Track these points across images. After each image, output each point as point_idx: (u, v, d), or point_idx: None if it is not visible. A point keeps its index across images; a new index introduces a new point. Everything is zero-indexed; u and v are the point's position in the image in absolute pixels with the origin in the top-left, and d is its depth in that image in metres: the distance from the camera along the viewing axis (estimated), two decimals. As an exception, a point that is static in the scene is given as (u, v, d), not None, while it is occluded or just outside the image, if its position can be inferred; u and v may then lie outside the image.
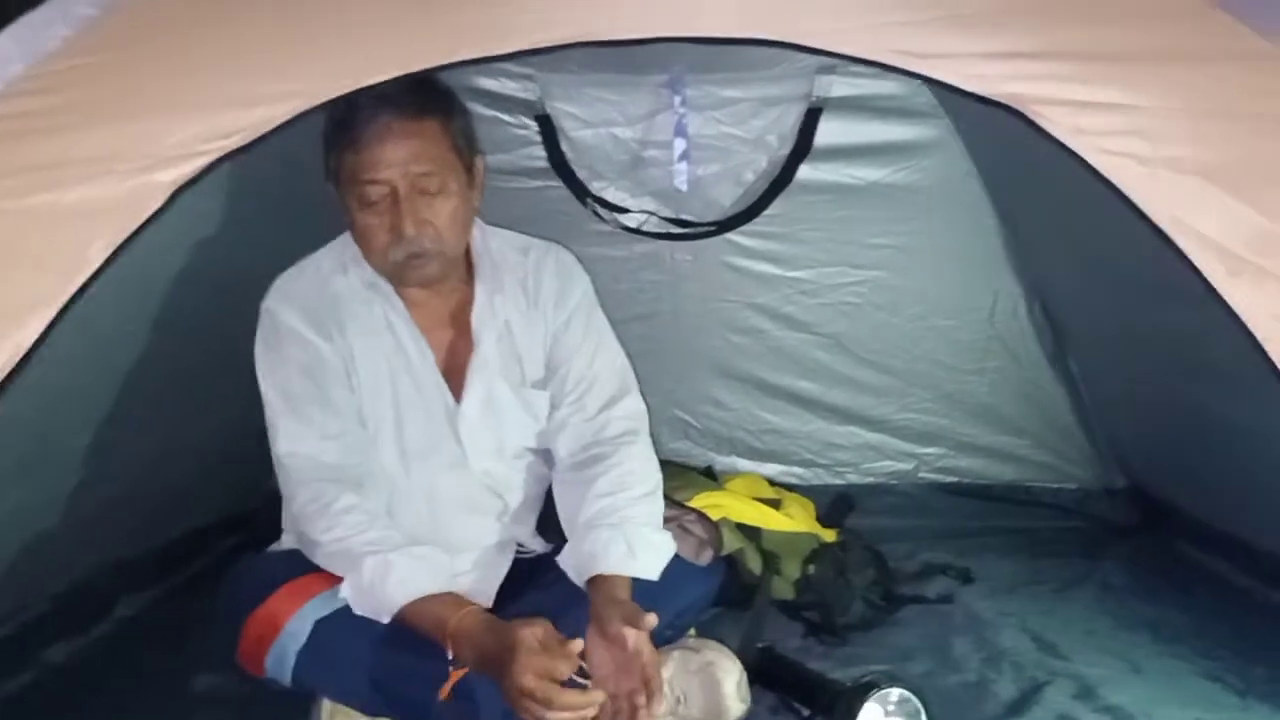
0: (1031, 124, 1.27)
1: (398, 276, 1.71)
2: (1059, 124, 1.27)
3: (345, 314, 1.73)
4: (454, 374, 1.78)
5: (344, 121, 1.61)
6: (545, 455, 1.86)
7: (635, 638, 1.47)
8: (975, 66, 1.28)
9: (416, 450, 1.76)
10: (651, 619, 1.48)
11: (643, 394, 1.86)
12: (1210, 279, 1.24)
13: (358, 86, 1.29)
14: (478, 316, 1.78)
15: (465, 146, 1.69)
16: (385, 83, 1.53)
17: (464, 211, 1.69)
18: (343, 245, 1.78)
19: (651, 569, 1.64)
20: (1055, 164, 1.36)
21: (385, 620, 1.54)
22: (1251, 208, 1.26)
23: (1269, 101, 1.30)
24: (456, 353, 1.79)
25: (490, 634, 1.46)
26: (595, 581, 1.60)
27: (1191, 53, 1.31)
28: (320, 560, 1.63)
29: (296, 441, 1.67)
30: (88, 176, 1.23)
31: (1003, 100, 1.27)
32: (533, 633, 1.40)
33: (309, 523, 1.63)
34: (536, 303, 1.83)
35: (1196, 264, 1.25)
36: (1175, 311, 1.95)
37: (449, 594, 1.55)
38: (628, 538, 1.62)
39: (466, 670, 1.47)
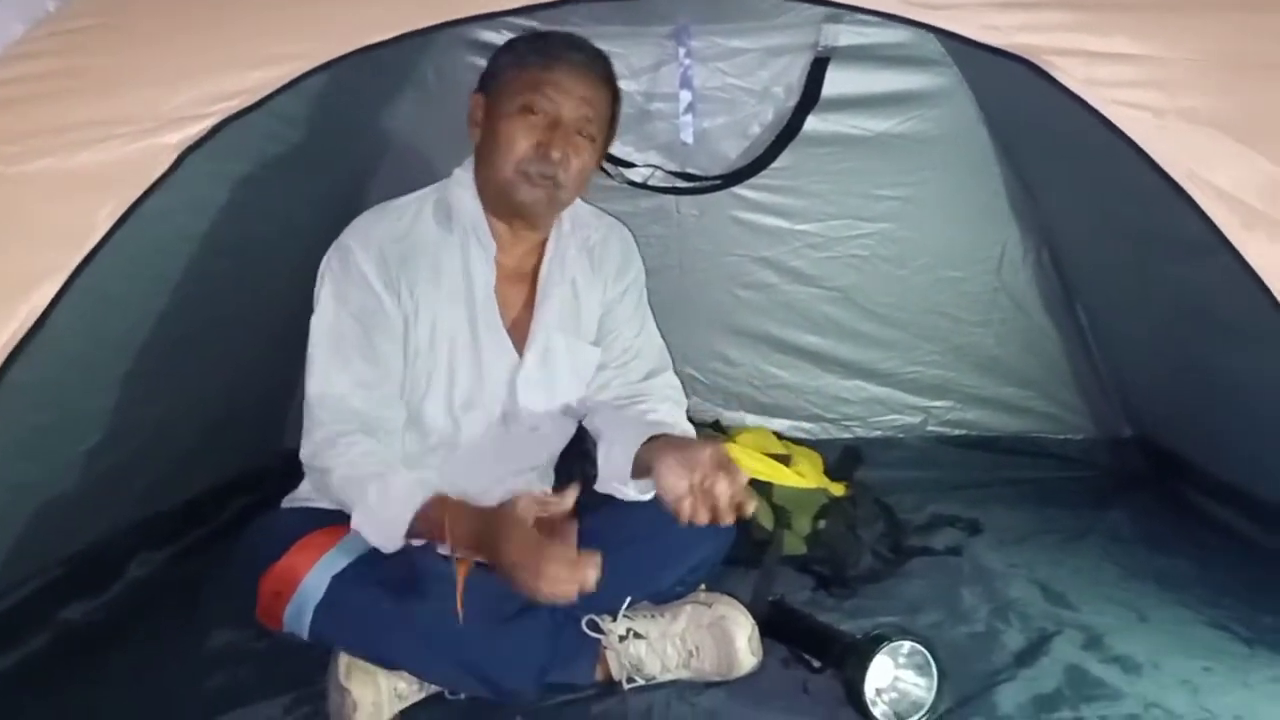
0: (1044, 75, 1.25)
1: (513, 190, 1.72)
2: (1072, 75, 1.25)
3: (421, 264, 1.75)
4: (518, 328, 1.82)
5: (539, 45, 1.71)
6: (574, 412, 1.92)
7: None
8: (987, 17, 1.27)
9: (465, 404, 1.79)
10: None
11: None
12: (1225, 232, 1.23)
13: (360, 46, 1.28)
14: (547, 270, 1.83)
15: (610, 130, 1.81)
16: (577, 37, 1.71)
17: (589, 174, 1.77)
18: (442, 187, 1.82)
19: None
20: (1066, 114, 1.34)
21: (398, 543, 1.58)
22: (1266, 159, 1.25)
23: (1284, 50, 1.28)
24: (523, 308, 1.84)
25: (479, 519, 1.54)
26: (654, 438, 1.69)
27: (1206, 1, 1.29)
28: (333, 491, 1.65)
29: (329, 382, 1.69)
30: (92, 141, 1.22)
31: (1015, 51, 1.25)
32: (516, 507, 1.49)
33: (322, 452, 1.66)
34: (599, 270, 1.90)
35: (1211, 217, 1.24)
36: (1183, 263, 1.96)
37: (441, 496, 1.60)
38: (676, 419, 1.78)
39: (470, 564, 1.53)
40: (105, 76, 1.24)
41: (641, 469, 1.66)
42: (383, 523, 1.59)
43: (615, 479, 1.71)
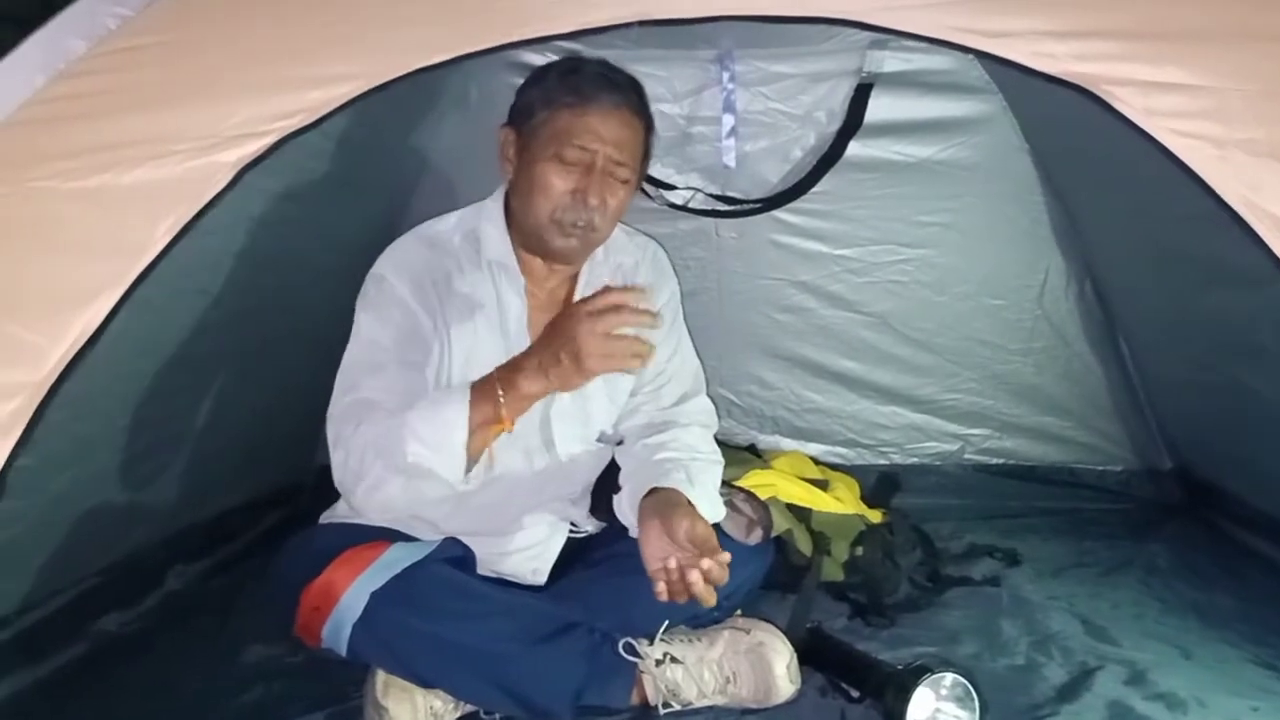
0: (1102, 104, 1.24)
1: (547, 237, 1.72)
2: (1131, 104, 1.25)
3: (452, 291, 1.75)
4: None
5: (572, 83, 1.68)
6: (608, 439, 1.90)
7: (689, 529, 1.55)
8: (1043, 45, 1.27)
9: (501, 439, 1.72)
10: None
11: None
12: (1284, 262, 1.22)
13: (416, 68, 1.29)
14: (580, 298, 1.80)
15: (646, 161, 1.80)
16: (607, 66, 1.69)
17: (624, 210, 1.76)
18: (474, 214, 1.81)
19: (705, 504, 1.67)
20: (1114, 143, 1.33)
21: (462, 457, 1.53)
22: (1326, 191, 1.23)
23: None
24: None
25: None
26: (653, 490, 1.67)
27: (1266, 32, 1.28)
28: (359, 456, 1.57)
29: (368, 392, 1.64)
30: (149, 157, 1.24)
31: (1073, 80, 1.25)
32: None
33: (346, 423, 1.60)
34: None
35: (1272, 247, 1.22)
36: (1228, 294, 1.94)
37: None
38: (689, 470, 1.71)
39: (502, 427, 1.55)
40: (164, 94, 1.26)
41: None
42: (440, 427, 1.53)
43: (629, 526, 1.72)
